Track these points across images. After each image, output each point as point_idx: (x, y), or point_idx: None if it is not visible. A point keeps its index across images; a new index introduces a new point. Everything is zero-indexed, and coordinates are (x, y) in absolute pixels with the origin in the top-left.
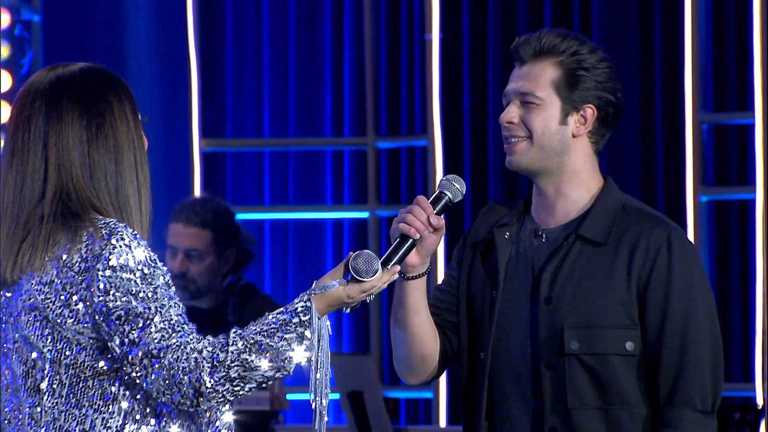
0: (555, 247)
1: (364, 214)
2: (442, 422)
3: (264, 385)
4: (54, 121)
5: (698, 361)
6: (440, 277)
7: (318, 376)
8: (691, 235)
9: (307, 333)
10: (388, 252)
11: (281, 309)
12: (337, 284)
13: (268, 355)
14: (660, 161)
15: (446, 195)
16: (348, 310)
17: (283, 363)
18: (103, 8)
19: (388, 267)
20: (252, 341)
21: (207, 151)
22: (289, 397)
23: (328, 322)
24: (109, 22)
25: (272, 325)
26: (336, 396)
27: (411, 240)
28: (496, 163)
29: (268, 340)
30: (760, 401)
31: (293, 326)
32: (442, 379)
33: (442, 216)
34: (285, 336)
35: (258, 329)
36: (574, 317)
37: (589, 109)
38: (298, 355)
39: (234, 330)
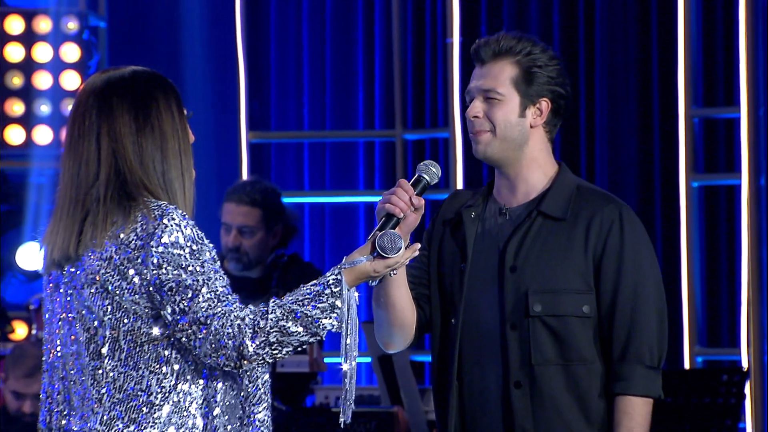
0: (518, 223)
1: None
2: None
3: (301, 349)
4: (105, 115)
5: (646, 323)
6: None
7: (348, 341)
8: (683, 217)
9: (338, 302)
10: (375, 229)
11: (315, 281)
12: (365, 260)
13: (302, 322)
14: (656, 151)
15: (424, 178)
16: (373, 283)
17: (316, 329)
18: (160, 14)
19: (405, 245)
20: (289, 309)
21: (253, 143)
22: (326, 360)
23: (357, 294)
24: (166, 27)
25: (307, 296)
26: (368, 360)
27: (395, 218)
28: None
29: (302, 309)
30: (745, 364)
31: (325, 297)
32: None
33: (422, 197)
34: (318, 305)
35: (294, 299)
36: (537, 283)
37: (544, 102)
38: (329, 322)
39: (273, 300)
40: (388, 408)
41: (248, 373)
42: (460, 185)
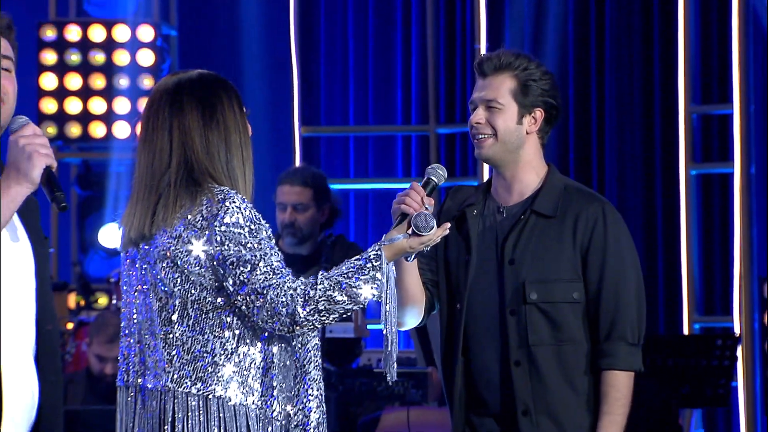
0: (515, 221)
1: None
2: None
3: (347, 317)
4: (176, 112)
5: (628, 306)
6: None
7: (387, 308)
8: (682, 201)
9: (378, 275)
10: (392, 227)
11: (358, 256)
12: (402, 237)
13: (347, 292)
14: (657, 143)
15: (433, 180)
16: (409, 259)
17: (358, 298)
18: (223, 24)
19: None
20: (335, 281)
21: (305, 136)
22: (369, 327)
23: (395, 268)
24: (229, 35)
25: (351, 269)
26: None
27: (409, 217)
28: None
29: (347, 280)
30: (737, 330)
31: (367, 270)
32: None
33: (431, 198)
34: (360, 277)
35: (339, 272)
36: (532, 274)
37: (539, 111)
38: (370, 292)
39: (321, 272)
40: (424, 369)
41: (300, 338)
42: (486, 173)
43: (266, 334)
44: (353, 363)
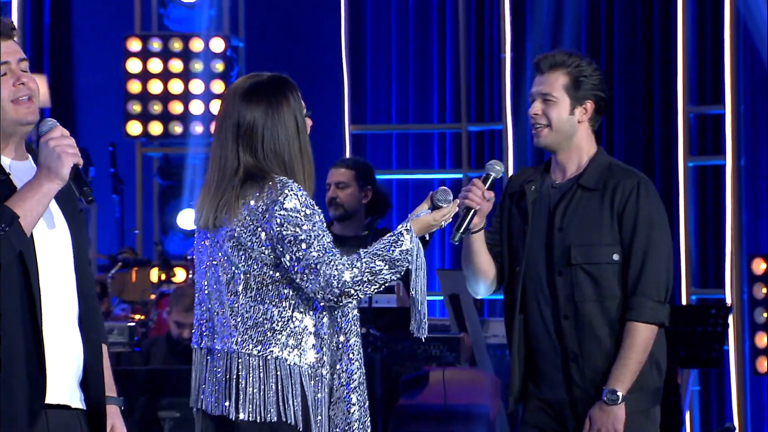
0: (563, 194)
1: (459, 175)
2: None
3: (389, 288)
4: (247, 110)
5: (655, 266)
6: None
7: (416, 274)
8: (681, 189)
9: (408, 246)
10: (459, 219)
11: (391, 233)
12: (425, 213)
13: (386, 262)
14: (658, 139)
15: (491, 175)
16: (454, 240)
17: (395, 266)
18: (283, 36)
19: (461, 230)
20: (374, 254)
21: (354, 133)
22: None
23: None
24: (288, 45)
25: (386, 243)
26: (441, 298)
27: (473, 210)
28: None
29: (384, 253)
30: (729, 301)
31: (399, 243)
32: None
33: (491, 191)
34: (395, 249)
35: (377, 247)
36: (578, 239)
37: (589, 103)
38: (404, 260)
39: (362, 250)
40: (457, 335)
41: (341, 310)
42: (510, 163)
43: (317, 305)
44: (396, 329)
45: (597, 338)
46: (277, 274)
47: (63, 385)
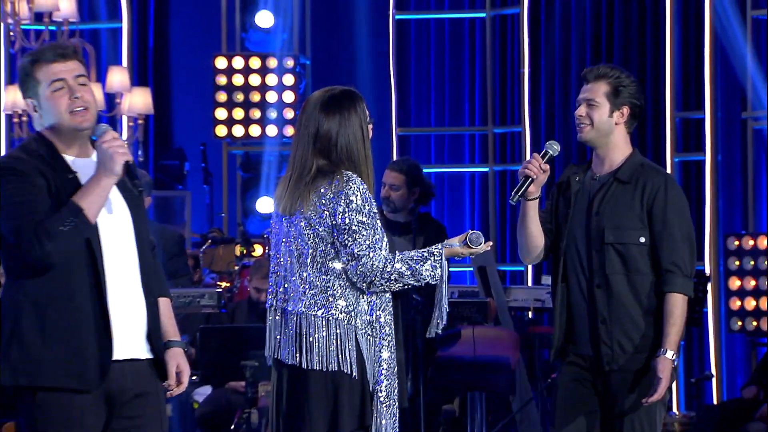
0: (602, 184)
1: (486, 169)
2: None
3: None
4: (322, 116)
5: (683, 248)
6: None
7: (441, 288)
8: None
9: (437, 265)
10: (518, 185)
11: (426, 249)
12: (457, 246)
13: (412, 272)
14: (650, 138)
15: (549, 152)
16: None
17: (419, 277)
18: (343, 55)
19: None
20: (406, 263)
21: (400, 135)
22: (451, 269)
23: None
24: (347, 63)
25: (418, 257)
26: (471, 269)
27: (531, 178)
28: (560, 142)
29: (414, 264)
30: (707, 272)
31: (430, 260)
32: None
33: (547, 165)
34: (424, 264)
35: (410, 257)
36: (611, 223)
37: (625, 108)
38: (429, 275)
39: (398, 253)
40: (484, 299)
41: (377, 293)
42: (527, 159)
43: (358, 287)
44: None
45: (623, 305)
46: (335, 253)
47: (130, 342)
